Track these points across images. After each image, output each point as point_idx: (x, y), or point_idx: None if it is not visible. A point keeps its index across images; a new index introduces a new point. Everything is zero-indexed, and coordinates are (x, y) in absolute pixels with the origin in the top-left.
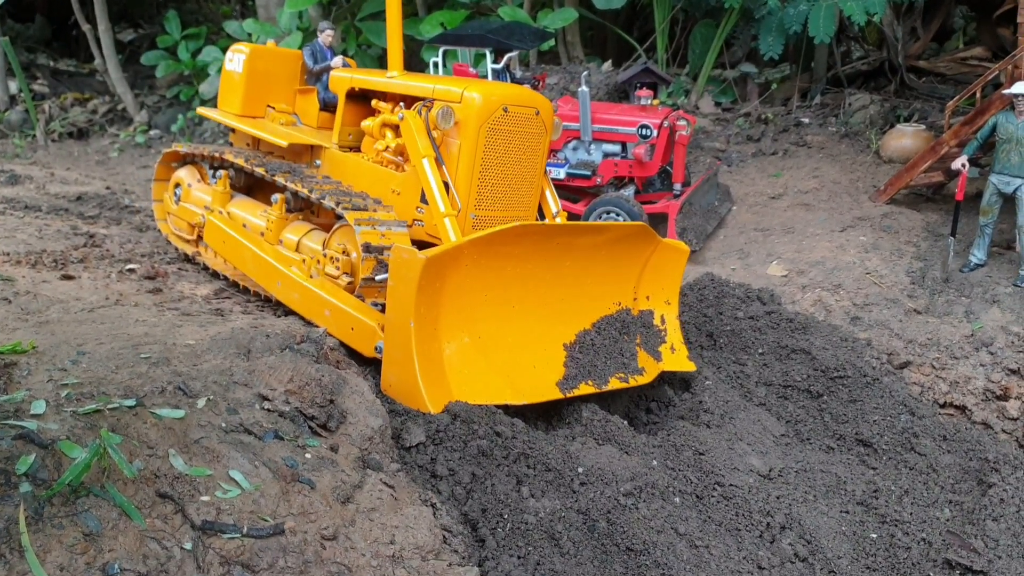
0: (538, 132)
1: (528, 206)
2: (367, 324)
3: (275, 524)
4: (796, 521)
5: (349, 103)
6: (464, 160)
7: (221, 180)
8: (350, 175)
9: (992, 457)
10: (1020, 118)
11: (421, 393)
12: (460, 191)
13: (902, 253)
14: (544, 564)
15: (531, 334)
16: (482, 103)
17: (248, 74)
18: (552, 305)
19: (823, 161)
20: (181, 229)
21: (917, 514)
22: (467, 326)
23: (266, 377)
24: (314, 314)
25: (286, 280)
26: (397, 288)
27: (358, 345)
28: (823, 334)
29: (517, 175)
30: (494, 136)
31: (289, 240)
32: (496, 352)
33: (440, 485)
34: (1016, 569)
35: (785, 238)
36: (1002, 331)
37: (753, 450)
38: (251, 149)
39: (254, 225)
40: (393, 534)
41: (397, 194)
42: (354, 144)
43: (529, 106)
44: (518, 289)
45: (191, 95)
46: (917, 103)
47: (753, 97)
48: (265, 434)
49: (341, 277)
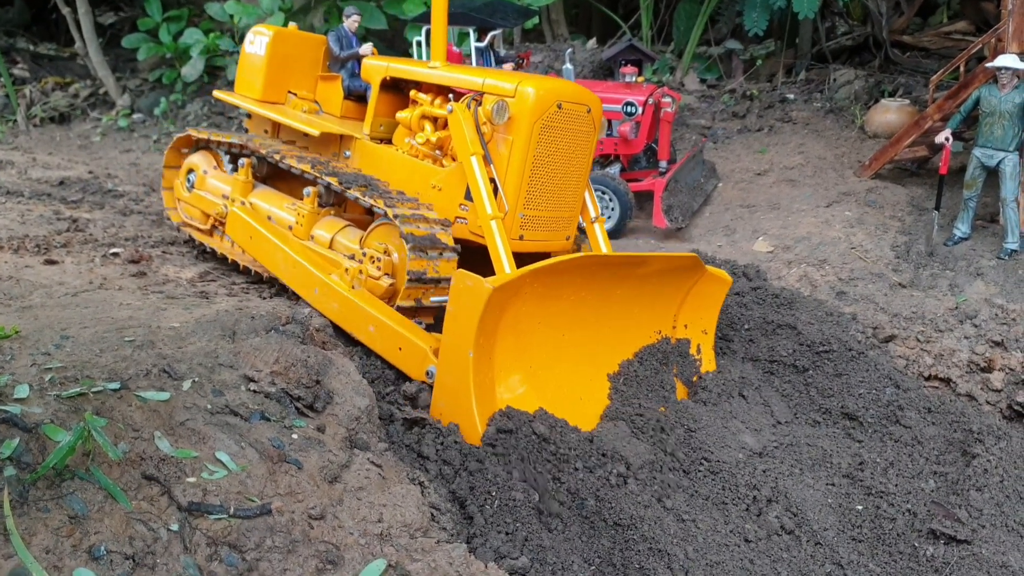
0: (588, 130)
1: (574, 207)
2: (418, 346)
3: (262, 504)
4: (782, 494)
5: (383, 93)
6: (515, 158)
7: (243, 169)
8: (384, 168)
9: (976, 428)
10: (1003, 91)
11: (476, 427)
12: (508, 190)
13: (887, 228)
14: (532, 540)
15: (579, 364)
16: (537, 98)
17: (270, 58)
18: (599, 334)
19: (808, 137)
20: (194, 218)
21: (902, 485)
22: (520, 356)
23: (251, 359)
24: (356, 328)
25: (324, 288)
26: (458, 316)
27: (406, 366)
28: (808, 309)
29: (566, 174)
30: (547, 133)
31: (321, 237)
32: (546, 383)
33: (428, 464)
34: (999, 538)
35: (771, 214)
36: (986, 304)
37: (747, 428)
38: (270, 137)
39: (280, 219)
40: (381, 512)
41: (438, 190)
42: (385, 136)
43: (582, 103)
44: (569, 318)
45: (173, 78)
46: (902, 78)
47: (738, 74)
48: (251, 415)
49: (382, 278)
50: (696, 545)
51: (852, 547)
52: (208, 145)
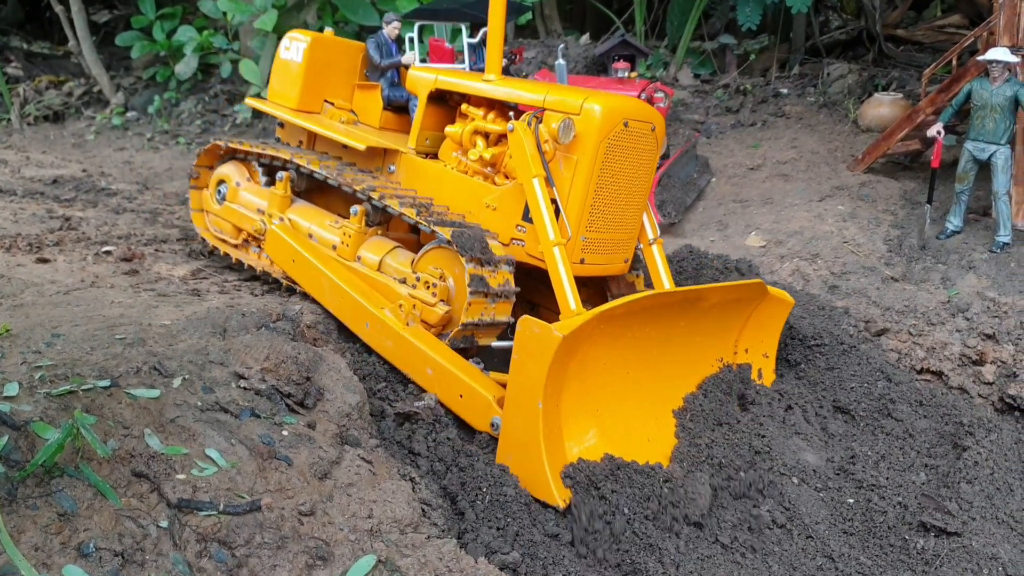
0: (652, 149)
1: (634, 228)
2: (481, 395)
3: (251, 501)
4: (775, 489)
5: (433, 107)
6: (579, 179)
7: (282, 183)
8: (432, 185)
9: (967, 421)
10: (994, 84)
11: (549, 486)
12: (571, 213)
13: (879, 221)
14: (523, 535)
15: (644, 402)
16: (604, 116)
17: (308, 65)
18: (662, 369)
19: (801, 131)
20: (223, 231)
21: (893, 479)
22: (586, 400)
23: (242, 356)
24: (412, 368)
25: (377, 324)
26: (525, 364)
27: (467, 415)
28: (801, 303)
29: (629, 195)
30: (612, 153)
31: (368, 259)
32: (613, 427)
33: (419, 460)
34: (989, 530)
35: (764, 209)
36: (978, 297)
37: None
38: (305, 147)
39: (323, 238)
40: (371, 508)
41: (492, 209)
42: (431, 150)
43: (647, 120)
44: (633, 355)
45: (167, 76)
46: (895, 72)
47: (732, 68)
48: (241, 412)
49: (437, 305)
50: (686, 539)
51: (843, 540)
52: (239, 155)
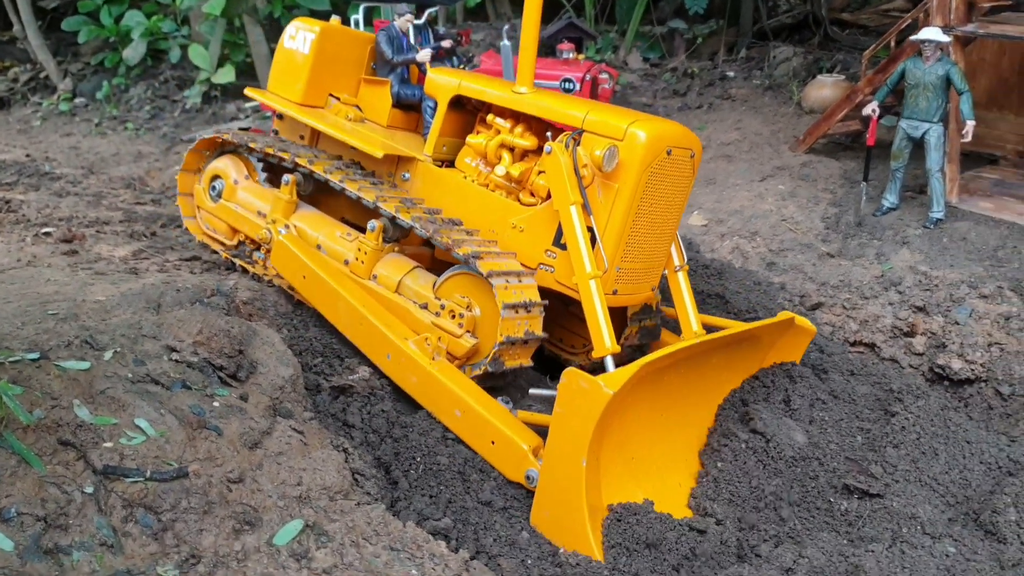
0: (690, 175)
1: (665, 255)
2: (516, 444)
3: (179, 468)
4: (711, 456)
5: (450, 112)
6: (619, 208)
7: (288, 187)
8: (452, 198)
9: (897, 387)
10: (927, 63)
11: (590, 543)
12: (608, 243)
13: (818, 200)
14: (456, 502)
15: (674, 445)
16: (649, 144)
17: (316, 57)
18: (689, 410)
19: (746, 113)
20: (217, 231)
21: (825, 446)
22: (623, 449)
23: (175, 330)
24: (438, 409)
25: (400, 356)
26: (570, 420)
27: (499, 463)
28: (737, 279)
29: (664, 223)
30: (654, 181)
31: (386, 278)
32: (647, 475)
33: (353, 432)
34: (912, 492)
35: (706, 189)
36: (910, 271)
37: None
38: (307, 143)
39: (333, 250)
40: (301, 476)
41: (520, 231)
42: (447, 157)
43: (688, 147)
44: (666, 398)
45: (116, 61)
46: (840, 55)
47: (680, 52)
48: (173, 384)
49: (463, 337)
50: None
51: (782, 506)
52: (236, 149)
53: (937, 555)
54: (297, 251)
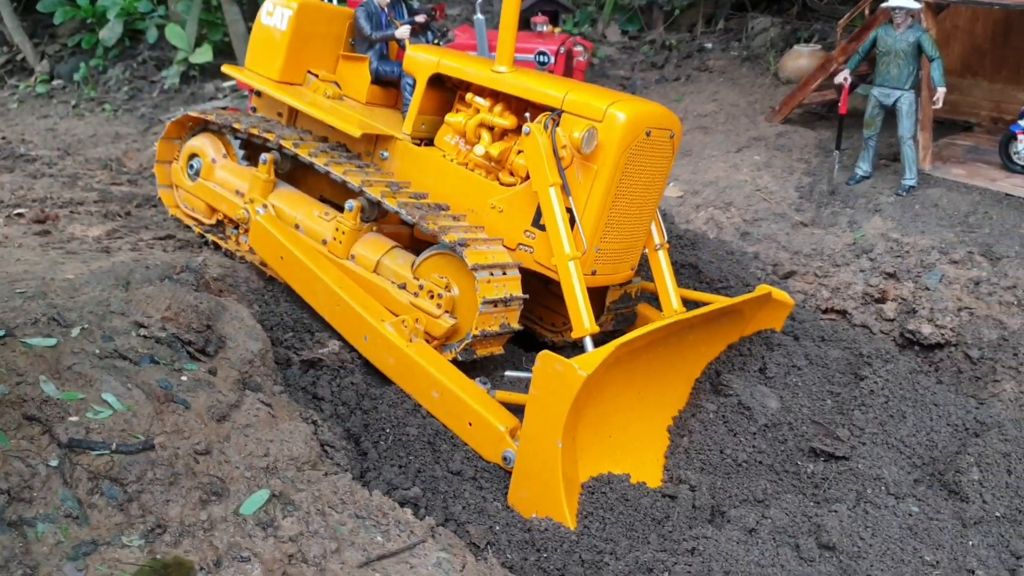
0: (670, 156)
1: (644, 235)
2: (493, 427)
3: (145, 440)
4: (681, 423)
5: (429, 89)
6: (598, 189)
7: (266, 166)
8: (430, 177)
9: (867, 352)
10: (898, 31)
11: (564, 512)
12: (587, 224)
13: (793, 170)
14: (425, 472)
15: (653, 423)
16: (628, 125)
17: (294, 33)
18: (667, 387)
19: (723, 85)
20: (196, 210)
21: (796, 411)
22: (600, 428)
23: (143, 306)
24: (416, 390)
25: (377, 337)
26: (545, 402)
27: (476, 445)
28: (711, 249)
29: (643, 203)
30: (633, 163)
31: (364, 257)
32: (625, 453)
33: (323, 405)
34: (877, 454)
35: (683, 161)
36: (882, 238)
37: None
38: (284, 121)
39: (311, 230)
40: (268, 447)
41: (499, 211)
42: (426, 135)
43: (667, 128)
44: (644, 375)
45: (93, 43)
46: (817, 25)
47: (658, 24)
48: (141, 359)
49: (442, 317)
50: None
51: (753, 470)
52: (212, 127)
53: (900, 514)
54: (275, 231)
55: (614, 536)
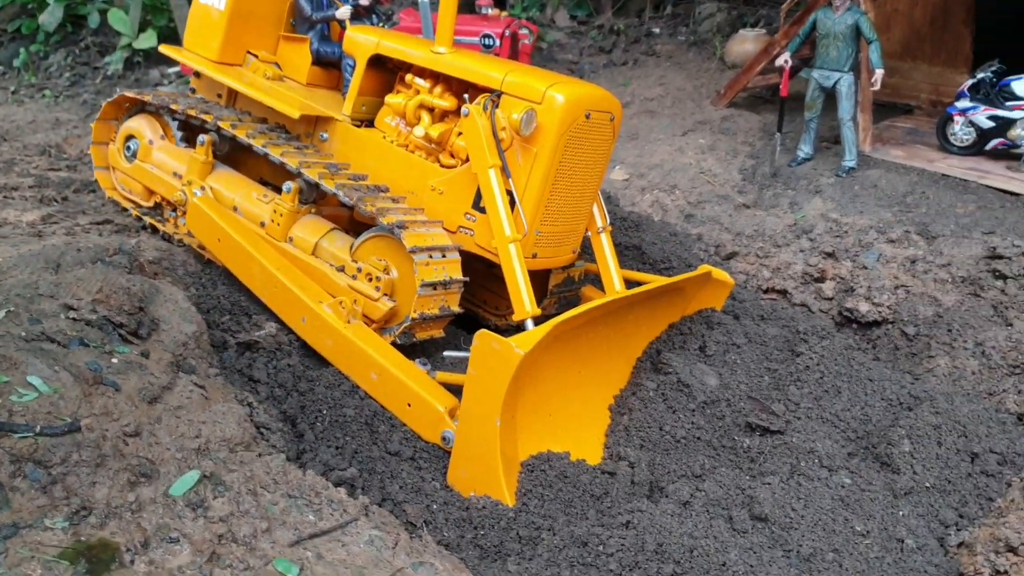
0: (610, 139)
1: (585, 218)
2: (432, 406)
3: (71, 422)
4: (622, 401)
5: (369, 71)
6: (537, 172)
7: (203, 147)
8: (370, 158)
9: (803, 329)
10: (837, 13)
11: (502, 489)
12: (527, 206)
13: (737, 152)
14: (362, 452)
15: (594, 401)
16: (567, 108)
17: (232, 13)
18: (608, 365)
19: (670, 69)
20: (133, 192)
21: (735, 387)
22: (540, 407)
23: (74, 288)
24: (354, 372)
25: (315, 319)
26: (484, 382)
27: (415, 425)
28: (655, 231)
29: (584, 186)
30: (572, 145)
31: (302, 240)
32: (566, 431)
33: (259, 387)
34: (812, 428)
35: (629, 144)
36: (822, 218)
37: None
38: (224, 102)
39: (249, 212)
40: (200, 429)
41: (439, 193)
42: (367, 117)
43: (607, 111)
44: (585, 353)
45: (33, 28)
46: (763, 10)
47: (607, 9)
48: (70, 342)
49: (381, 300)
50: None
51: (693, 446)
52: (150, 108)
53: (833, 486)
54: (212, 214)
55: (552, 512)
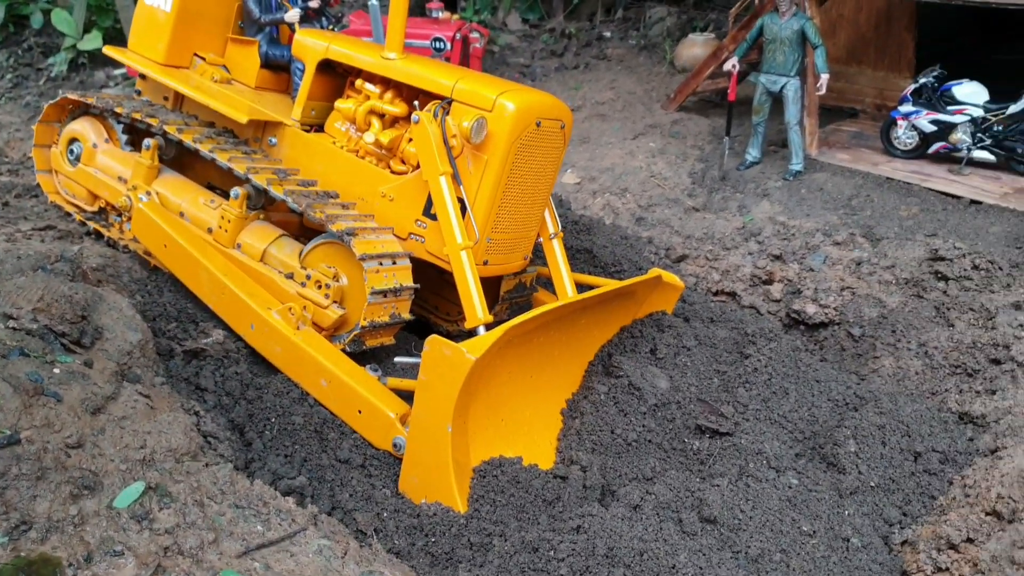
0: (560, 146)
1: (536, 225)
2: (382, 413)
3: (10, 435)
4: (574, 405)
5: (319, 75)
6: (488, 179)
7: (149, 152)
8: (319, 164)
9: (751, 331)
10: (783, 19)
11: (454, 496)
12: (478, 214)
13: (686, 156)
14: (311, 460)
15: (546, 405)
16: (517, 116)
17: (179, 14)
18: (560, 370)
19: (621, 73)
20: (77, 196)
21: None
22: (492, 413)
23: (13, 297)
24: (304, 379)
25: (264, 326)
26: (434, 387)
27: (367, 432)
28: (606, 234)
29: (535, 193)
30: (523, 153)
31: (250, 246)
32: (517, 436)
33: (206, 395)
34: (760, 429)
35: (580, 148)
36: (770, 221)
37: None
38: (171, 105)
39: (196, 217)
40: (145, 439)
41: (389, 200)
42: (316, 122)
43: (557, 119)
44: (536, 359)
45: None
46: (713, 14)
47: (558, 13)
48: (9, 352)
49: (330, 308)
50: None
51: (644, 448)
52: (94, 110)
53: (780, 487)
54: (157, 219)
55: (504, 518)
